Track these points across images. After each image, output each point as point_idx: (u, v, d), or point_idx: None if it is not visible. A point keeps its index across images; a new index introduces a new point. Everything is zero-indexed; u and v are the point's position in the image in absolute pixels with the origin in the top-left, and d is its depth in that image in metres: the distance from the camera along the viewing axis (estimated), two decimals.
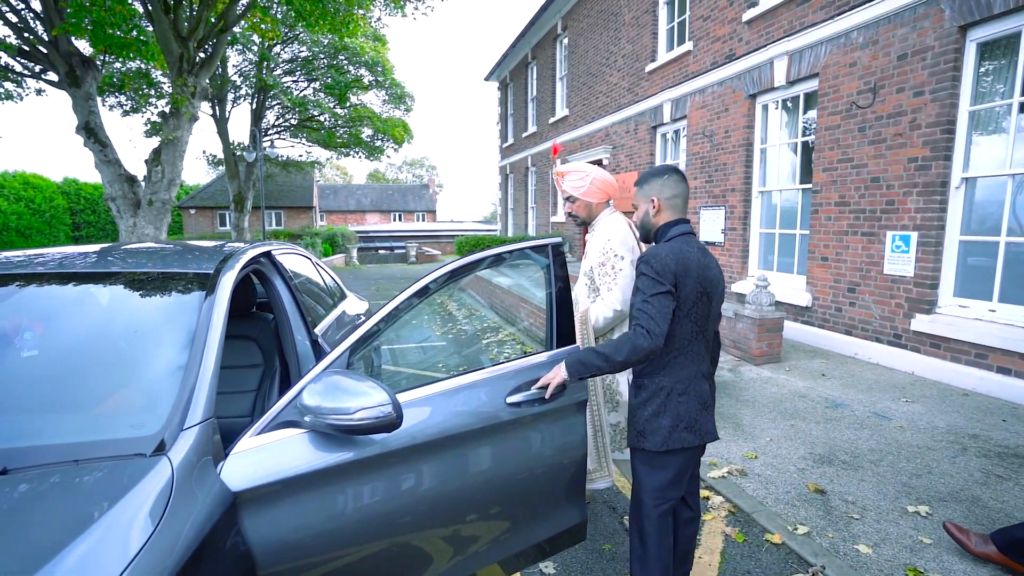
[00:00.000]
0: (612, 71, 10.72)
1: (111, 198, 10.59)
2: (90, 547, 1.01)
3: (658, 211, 1.88)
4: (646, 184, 1.92)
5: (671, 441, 1.78)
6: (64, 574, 0.94)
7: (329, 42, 19.76)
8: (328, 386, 1.45)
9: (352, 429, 1.40)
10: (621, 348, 1.68)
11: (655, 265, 1.72)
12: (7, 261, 1.94)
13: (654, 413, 1.80)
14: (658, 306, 1.68)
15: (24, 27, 9.94)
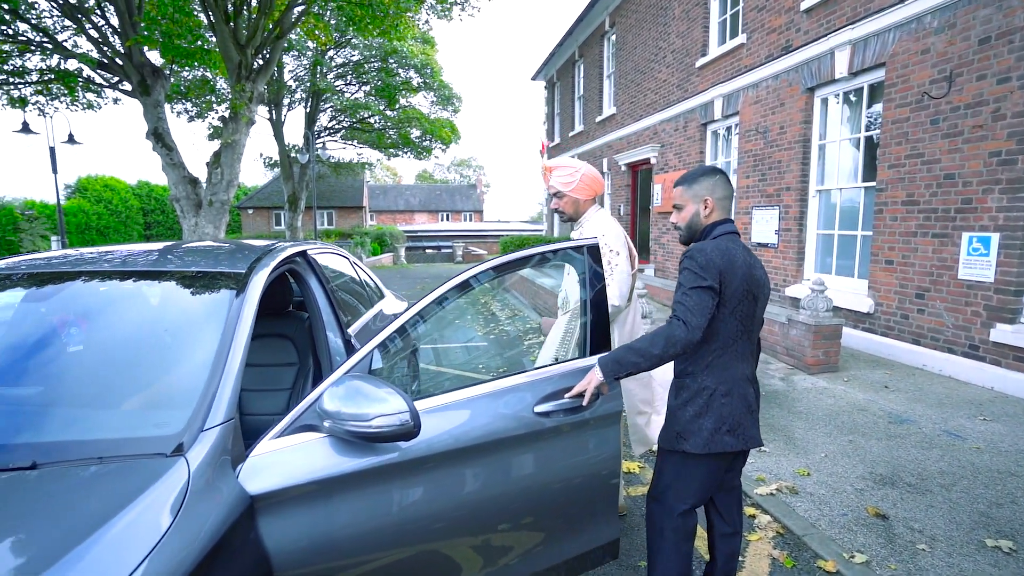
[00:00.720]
0: (661, 67, 10.42)
1: (176, 199, 11.17)
2: (99, 548, 1.00)
3: (711, 211, 1.84)
4: (696, 184, 1.85)
5: (712, 444, 1.72)
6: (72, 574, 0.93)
7: (379, 46, 20.20)
8: (349, 391, 1.42)
9: (370, 436, 1.36)
10: (657, 341, 1.62)
11: (699, 260, 1.68)
12: (50, 260, 2.02)
13: (696, 414, 1.74)
14: (696, 299, 1.63)
15: (103, 41, 10.63)
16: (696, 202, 1.84)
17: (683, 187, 1.87)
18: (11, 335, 1.75)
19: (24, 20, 10.07)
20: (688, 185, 1.85)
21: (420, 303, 1.71)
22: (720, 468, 1.81)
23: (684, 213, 1.87)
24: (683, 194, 1.87)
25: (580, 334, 1.94)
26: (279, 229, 31.42)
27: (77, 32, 10.93)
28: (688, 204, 1.86)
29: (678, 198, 1.88)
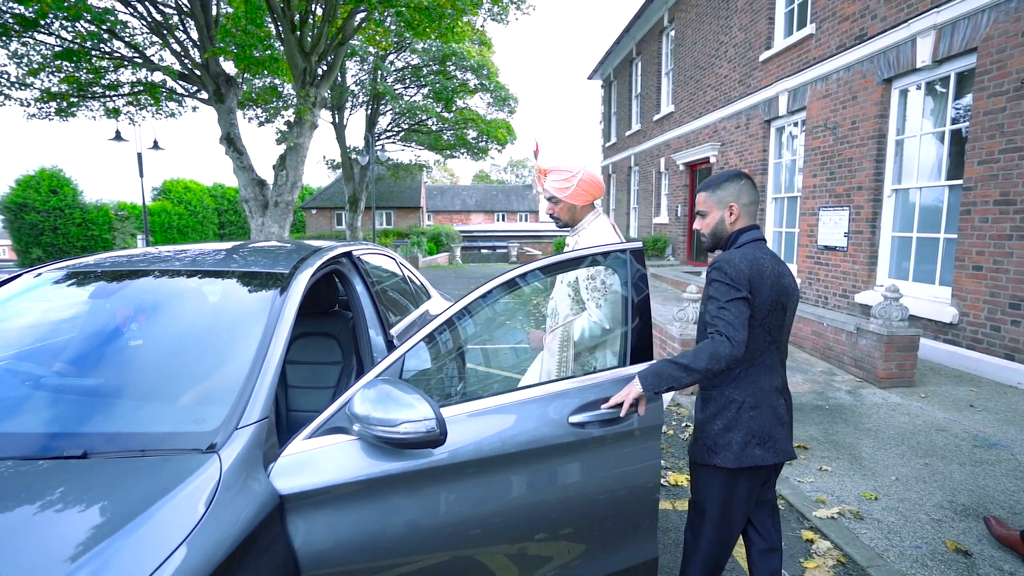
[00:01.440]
0: (722, 62, 10.01)
1: (245, 200, 11.81)
2: (128, 541, 1.02)
3: (736, 218, 1.79)
4: (720, 189, 1.79)
5: (743, 458, 1.69)
6: (94, 570, 0.96)
7: (437, 49, 20.57)
8: (380, 395, 1.41)
9: (396, 442, 1.35)
10: (700, 356, 1.57)
11: (729, 271, 1.63)
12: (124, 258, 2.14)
13: (724, 428, 1.71)
14: (735, 312, 1.59)
15: (184, 54, 11.41)
16: (721, 208, 1.79)
17: (707, 193, 1.81)
18: (83, 327, 1.87)
19: (119, 38, 10.94)
20: (712, 191, 1.80)
21: (455, 306, 1.69)
22: (756, 482, 1.77)
23: (708, 220, 1.82)
24: (707, 200, 1.81)
25: (620, 342, 1.86)
26: (340, 229, 32.63)
27: (162, 47, 11.78)
28: (712, 210, 1.80)
29: (702, 204, 1.83)
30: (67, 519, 1.07)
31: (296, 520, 1.34)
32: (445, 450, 1.47)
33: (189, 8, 11.09)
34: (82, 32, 10.64)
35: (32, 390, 1.57)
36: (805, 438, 3.73)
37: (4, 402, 1.51)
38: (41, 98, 11.79)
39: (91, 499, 1.13)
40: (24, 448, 1.30)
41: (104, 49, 11.24)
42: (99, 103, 12.52)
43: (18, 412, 1.48)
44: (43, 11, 9.42)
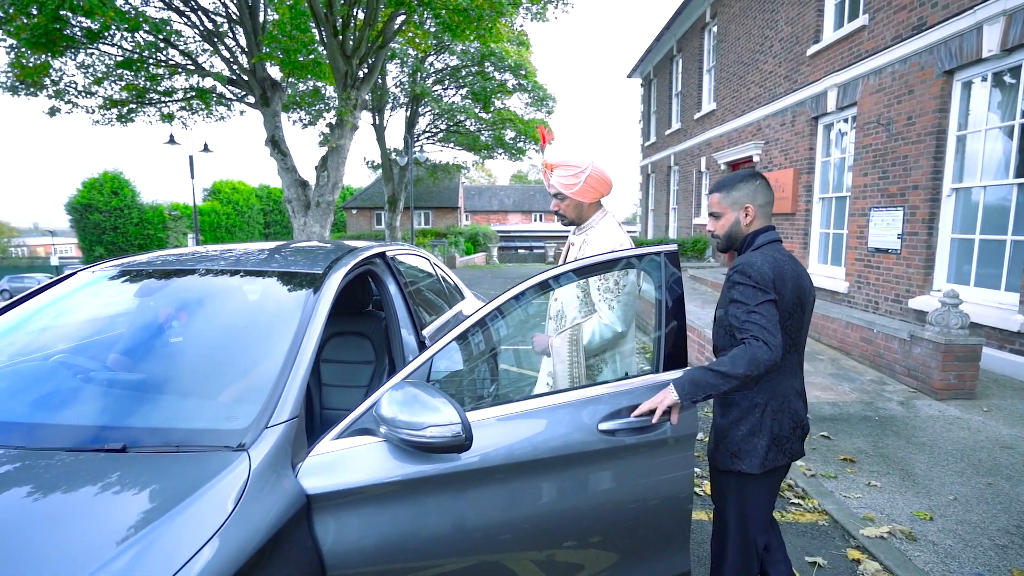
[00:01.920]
0: (767, 58, 9.68)
1: (288, 200, 12.17)
2: (156, 538, 1.05)
3: (752, 219, 1.76)
4: (735, 190, 1.76)
5: (768, 462, 1.68)
6: (125, 563, 0.98)
7: (476, 50, 20.70)
8: (407, 397, 1.40)
9: (422, 446, 1.34)
10: (738, 363, 1.52)
11: (753, 274, 1.61)
12: (168, 258, 2.22)
13: (749, 432, 1.69)
14: (768, 315, 1.56)
15: (233, 60, 11.87)
16: (736, 209, 1.76)
17: (721, 194, 1.77)
18: (130, 324, 1.94)
19: (174, 47, 11.48)
20: (727, 191, 1.76)
21: (486, 307, 1.67)
22: (777, 485, 1.77)
23: (722, 221, 1.78)
24: (721, 201, 1.77)
25: (655, 344, 1.80)
26: (379, 228, 33.25)
27: (213, 53, 12.27)
28: (727, 212, 1.77)
29: (715, 205, 1.79)
30: (102, 511, 1.11)
31: (323, 520, 1.34)
32: (476, 454, 1.46)
33: (238, 16, 11.53)
34: (140, 42, 11.20)
35: (81, 384, 1.63)
36: (852, 450, 3.55)
37: (55, 395, 1.58)
38: (104, 105, 12.46)
39: (126, 493, 1.16)
40: (70, 439, 1.35)
41: (160, 57, 11.80)
42: (155, 109, 13.15)
43: (66, 405, 1.54)
44: (106, 23, 9.96)
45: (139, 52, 11.41)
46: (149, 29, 10.73)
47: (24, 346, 1.79)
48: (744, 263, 1.64)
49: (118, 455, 1.28)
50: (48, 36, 9.89)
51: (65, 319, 1.95)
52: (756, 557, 1.77)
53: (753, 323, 1.55)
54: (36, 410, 1.49)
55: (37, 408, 1.50)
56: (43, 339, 1.83)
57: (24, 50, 10.52)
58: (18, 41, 10.14)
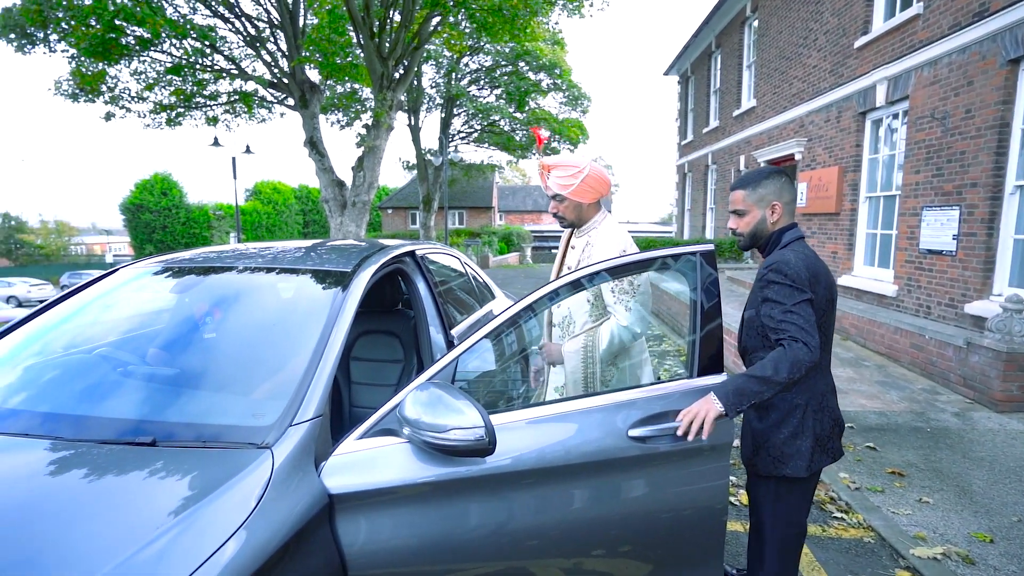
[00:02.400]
0: (811, 51, 9.32)
1: (325, 200, 12.44)
2: (178, 534, 1.05)
3: (778, 217, 1.74)
4: (761, 187, 1.73)
5: (814, 463, 1.65)
6: (147, 557, 0.98)
7: (510, 49, 20.72)
8: (431, 398, 1.38)
9: (445, 449, 1.31)
10: (781, 367, 1.48)
11: (789, 272, 1.58)
12: (210, 255, 2.26)
13: (792, 435, 1.65)
14: (805, 315, 1.54)
15: (274, 64, 12.21)
16: (762, 207, 1.73)
17: (746, 191, 1.75)
18: (166, 320, 1.99)
19: (219, 52, 11.90)
20: (752, 188, 1.74)
21: (515, 306, 1.63)
22: (815, 485, 1.74)
23: (748, 219, 1.75)
24: (746, 198, 1.74)
25: (690, 348, 1.73)
26: (414, 228, 33.67)
27: (255, 58, 12.66)
28: (752, 209, 1.74)
29: (740, 203, 1.76)
30: (124, 506, 1.12)
31: (345, 520, 1.33)
32: (505, 457, 1.43)
33: (279, 21, 11.84)
34: (188, 49, 11.65)
35: (118, 378, 1.68)
36: (901, 463, 3.36)
37: (92, 388, 1.62)
38: (154, 110, 13.00)
39: (150, 488, 1.18)
40: (103, 432, 1.38)
41: (206, 63, 12.25)
42: (201, 112, 13.64)
43: (102, 398, 1.58)
44: (157, 31, 10.41)
45: (187, 58, 11.88)
46: (196, 36, 11.16)
47: (67, 339, 1.86)
48: (779, 261, 1.60)
49: (147, 448, 1.30)
50: (104, 45, 10.40)
51: (107, 314, 2.01)
52: (796, 564, 1.73)
53: (791, 323, 1.52)
54: (73, 402, 1.53)
55: (75, 400, 1.54)
56: (85, 333, 1.89)
57: (83, 59, 11.09)
58: (78, 51, 10.70)
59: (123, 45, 10.73)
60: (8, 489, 1.18)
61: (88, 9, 9.73)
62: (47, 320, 1.93)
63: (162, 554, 1.01)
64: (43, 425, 1.41)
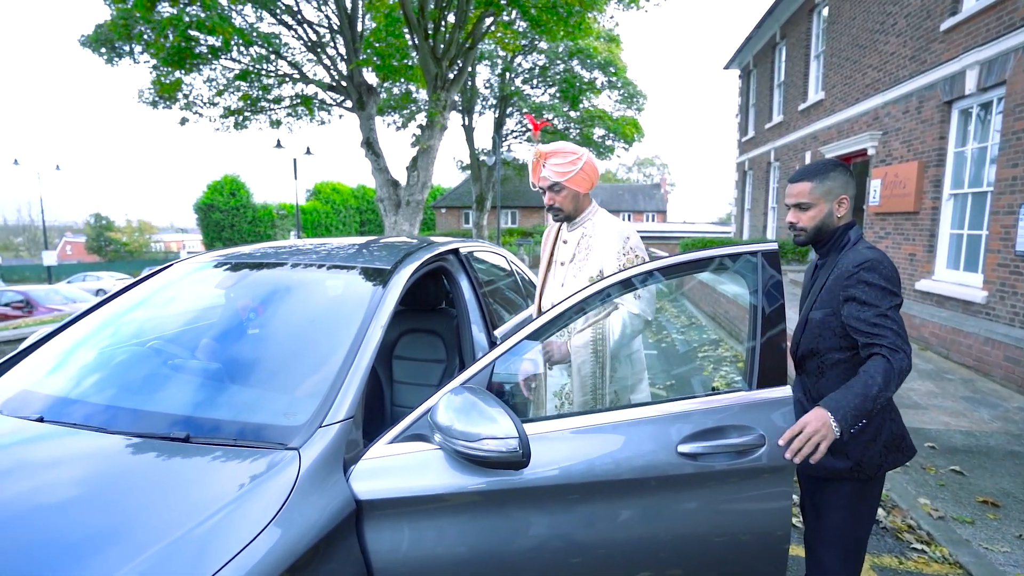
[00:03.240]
0: (888, 37, 8.66)
1: (380, 199, 12.73)
2: (198, 535, 1.02)
3: (845, 212, 1.66)
4: (828, 179, 1.63)
5: (887, 464, 1.59)
6: (164, 555, 0.96)
7: (564, 47, 20.55)
8: (465, 404, 1.30)
9: (475, 459, 1.23)
10: (891, 381, 1.41)
11: (884, 271, 1.50)
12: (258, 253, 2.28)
13: (872, 437, 1.57)
14: (899, 320, 1.48)
15: (333, 67, 12.63)
16: (829, 200, 1.64)
17: (813, 183, 1.64)
18: (211, 315, 2.01)
19: (283, 58, 12.43)
20: (819, 180, 1.64)
21: (560, 306, 1.53)
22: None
23: (812, 213, 1.65)
24: (813, 191, 1.63)
25: (749, 357, 1.58)
26: (467, 227, 34.04)
27: (316, 62, 13.13)
28: (819, 203, 1.64)
29: (806, 196, 1.65)
30: (148, 503, 1.10)
31: (373, 527, 1.28)
32: (545, 469, 1.34)
33: (339, 26, 12.21)
34: (254, 55, 12.23)
35: (161, 372, 1.70)
36: (995, 492, 3.00)
37: (137, 381, 1.65)
38: (224, 114, 13.73)
39: (177, 485, 1.16)
40: (140, 425, 1.38)
41: (270, 68, 12.81)
42: (265, 115, 14.28)
43: (145, 391, 1.60)
44: (227, 40, 10.98)
45: (253, 64, 12.46)
46: (262, 43, 11.69)
47: (114, 332, 1.90)
48: (872, 260, 1.52)
49: (180, 444, 1.29)
50: (180, 55, 11.09)
51: (156, 308, 2.05)
52: (859, 573, 1.64)
53: (888, 329, 1.44)
54: (115, 394, 1.56)
55: (116, 392, 1.57)
56: (133, 326, 1.94)
57: (162, 68, 11.85)
58: (158, 60, 11.46)
59: (196, 54, 11.38)
60: (25, 480, 1.19)
61: (166, 22, 10.38)
62: (102, 314, 1.99)
63: (179, 557, 0.98)
64: (82, 415, 1.43)
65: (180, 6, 10.60)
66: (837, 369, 1.60)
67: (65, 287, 16.30)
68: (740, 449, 1.38)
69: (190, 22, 10.50)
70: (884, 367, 1.41)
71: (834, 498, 1.61)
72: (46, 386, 1.61)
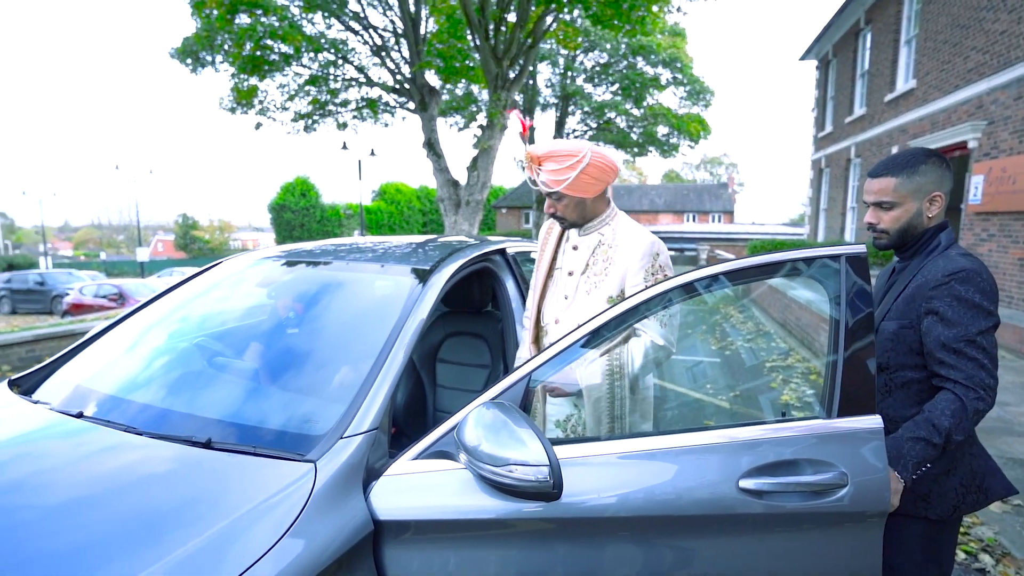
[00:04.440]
0: (998, 14, 7.77)
1: (441, 199, 12.89)
2: (206, 548, 0.96)
3: (938, 211, 1.44)
4: (918, 174, 1.39)
5: (963, 506, 1.40)
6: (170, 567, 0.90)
7: (627, 44, 20.08)
8: (496, 423, 1.16)
9: (503, 487, 1.10)
10: (960, 424, 1.23)
11: (981, 285, 1.29)
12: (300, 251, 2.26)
13: (943, 471, 1.39)
14: (991, 348, 1.27)
15: (397, 70, 12.93)
16: (918, 199, 1.41)
17: (899, 178, 1.42)
18: (258, 314, 2.00)
19: (349, 62, 12.85)
20: (907, 175, 1.41)
21: (612, 311, 1.36)
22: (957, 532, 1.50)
23: (898, 213, 1.43)
24: (899, 187, 1.41)
25: (828, 379, 1.36)
26: (527, 227, 34.02)
27: (380, 65, 13.48)
28: (906, 201, 1.41)
29: (889, 193, 1.43)
30: (165, 507, 1.07)
31: (393, 551, 1.18)
32: (593, 497, 1.19)
33: (403, 30, 12.47)
34: (322, 61, 12.74)
35: (194, 371, 1.68)
36: None
37: (167, 381, 1.63)
38: (294, 118, 14.37)
39: (187, 496, 1.12)
40: (164, 426, 1.35)
41: (337, 73, 13.29)
42: (332, 118, 14.84)
43: (174, 391, 1.57)
44: (297, 47, 11.49)
45: (322, 70, 12.96)
46: (330, 49, 12.13)
47: (161, 328, 1.92)
48: (968, 270, 1.30)
49: (200, 450, 1.24)
50: (255, 62, 11.73)
51: (203, 305, 2.06)
52: None
53: (970, 359, 1.24)
54: (151, 393, 1.54)
55: (153, 391, 1.56)
56: (177, 322, 1.95)
57: (239, 76, 12.57)
58: (235, 68, 12.16)
59: (270, 61, 11.98)
60: (33, 475, 1.18)
61: (242, 32, 11.00)
62: (154, 310, 2.01)
63: (177, 572, 0.91)
64: (115, 413, 1.42)
65: (256, 16, 11.18)
66: (907, 390, 1.39)
67: (154, 281, 17.64)
68: (816, 489, 1.17)
69: (264, 32, 11.06)
70: (955, 408, 1.25)
71: (904, 539, 1.40)
72: (91, 382, 1.63)
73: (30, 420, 1.43)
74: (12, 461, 1.25)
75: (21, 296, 17.47)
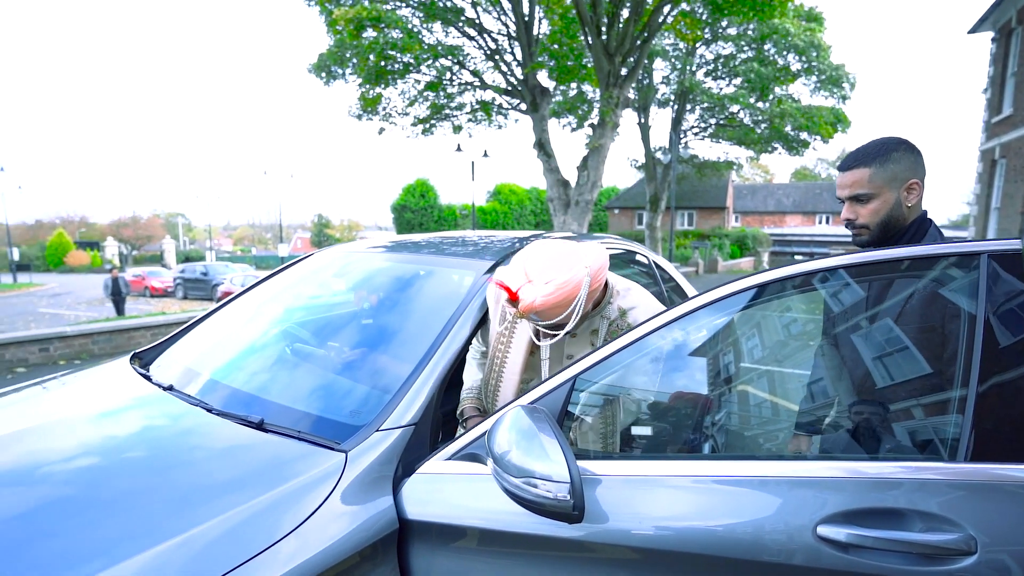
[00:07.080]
0: None
1: (551, 199, 12.93)
2: (212, 532, 0.98)
3: (917, 200, 1.38)
4: (891, 162, 1.34)
5: None
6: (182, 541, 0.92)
7: (754, 31, 18.61)
8: (529, 430, 1.04)
9: (523, 501, 1.00)
10: None
11: None
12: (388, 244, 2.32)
13: None
14: None
15: (510, 72, 13.18)
16: (895, 187, 1.35)
17: (872, 168, 1.35)
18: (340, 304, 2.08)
19: (464, 68, 13.36)
20: (881, 164, 1.35)
21: (680, 308, 1.17)
22: None
23: (876, 204, 1.36)
24: (873, 178, 1.35)
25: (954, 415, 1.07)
26: (640, 229, 32.99)
27: (493, 69, 13.83)
28: (883, 191, 1.35)
29: (865, 184, 1.36)
30: (201, 482, 1.10)
31: (419, 553, 1.13)
32: (652, 523, 1.03)
33: (515, 33, 12.66)
34: (439, 68, 13.35)
35: (275, 355, 1.77)
36: None
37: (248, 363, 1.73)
38: (414, 123, 15.24)
39: (224, 472, 1.15)
40: (230, 404, 1.42)
41: (453, 78, 13.86)
42: (448, 122, 15.50)
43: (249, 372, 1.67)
44: (417, 57, 12.19)
45: (439, 76, 13.59)
46: (447, 55, 12.68)
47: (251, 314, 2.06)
48: None
49: (251, 430, 1.29)
50: (379, 73, 12.62)
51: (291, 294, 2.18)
52: None
53: None
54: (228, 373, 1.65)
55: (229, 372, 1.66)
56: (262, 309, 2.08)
57: (365, 86, 13.61)
58: (362, 78, 13.19)
59: (391, 71, 12.82)
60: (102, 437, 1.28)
61: (368, 46, 11.88)
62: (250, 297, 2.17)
63: (192, 550, 0.93)
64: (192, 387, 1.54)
65: (380, 30, 12.02)
66: None
67: None
68: (927, 551, 0.91)
69: (386, 44, 11.86)
70: None
71: None
72: (186, 359, 1.78)
73: (131, 390, 1.59)
74: (98, 419, 1.40)
75: (191, 284, 20.61)
